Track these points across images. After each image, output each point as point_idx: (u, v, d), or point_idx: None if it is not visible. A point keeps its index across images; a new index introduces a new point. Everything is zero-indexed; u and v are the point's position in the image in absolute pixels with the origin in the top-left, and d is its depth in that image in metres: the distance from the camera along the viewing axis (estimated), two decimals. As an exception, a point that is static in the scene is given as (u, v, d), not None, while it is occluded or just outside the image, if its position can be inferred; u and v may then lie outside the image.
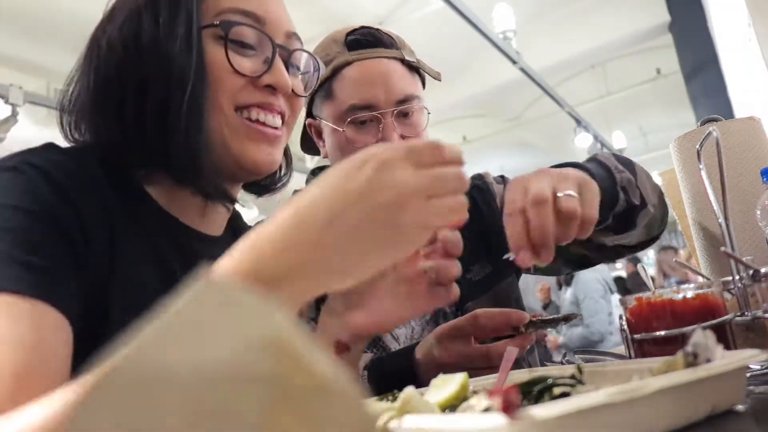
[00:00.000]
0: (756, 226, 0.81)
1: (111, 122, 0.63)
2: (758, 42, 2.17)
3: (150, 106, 0.61)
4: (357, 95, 0.94)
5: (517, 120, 7.37)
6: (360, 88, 0.95)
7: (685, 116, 5.66)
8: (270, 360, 0.19)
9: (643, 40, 5.40)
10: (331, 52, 0.99)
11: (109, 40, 0.63)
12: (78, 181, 0.58)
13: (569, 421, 0.32)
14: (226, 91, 0.64)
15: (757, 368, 0.58)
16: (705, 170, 0.72)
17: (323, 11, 4.90)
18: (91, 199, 0.58)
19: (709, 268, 0.96)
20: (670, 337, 0.59)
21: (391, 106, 0.95)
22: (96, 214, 0.57)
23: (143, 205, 0.66)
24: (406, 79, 0.98)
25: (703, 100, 4.35)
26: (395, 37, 1.02)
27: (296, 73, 0.73)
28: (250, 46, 0.66)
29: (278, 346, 0.19)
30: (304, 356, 0.19)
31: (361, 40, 0.98)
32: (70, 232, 0.54)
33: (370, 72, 0.96)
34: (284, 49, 0.68)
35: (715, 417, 0.41)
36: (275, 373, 0.18)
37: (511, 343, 0.75)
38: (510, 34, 3.92)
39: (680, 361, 0.40)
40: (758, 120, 0.97)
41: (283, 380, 0.19)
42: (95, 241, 0.56)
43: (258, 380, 0.18)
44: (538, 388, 0.43)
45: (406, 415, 0.40)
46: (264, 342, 0.19)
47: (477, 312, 0.79)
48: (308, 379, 0.19)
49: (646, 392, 0.35)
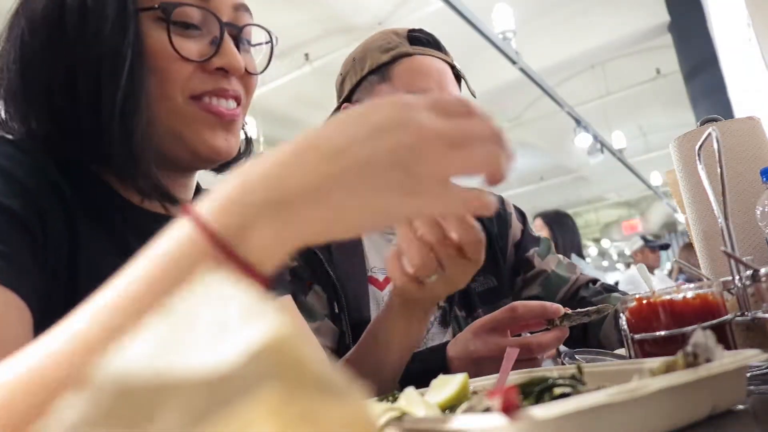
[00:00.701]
0: (756, 226, 0.81)
1: (41, 111, 0.59)
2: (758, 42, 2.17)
3: (81, 95, 0.57)
4: (416, 84, 0.99)
5: (517, 120, 7.37)
6: (419, 78, 1.00)
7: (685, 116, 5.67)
8: (268, 360, 0.18)
9: (643, 40, 5.41)
10: (393, 41, 1.04)
11: (32, 18, 0.59)
12: (31, 173, 0.55)
13: (569, 421, 0.32)
14: (174, 80, 0.60)
15: (757, 368, 0.58)
16: (705, 170, 0.72)
17: (324, 11, 4.90)
18: (46, 194, 0.55)
19: (709, 268, 0.96)
20: (670, 337, 0.59)
21: None
22: (53, 211, 0.55)
23: (102, 197, 0.63)
24: (455, 84, 1.05)
25: (703, 100, 4.36)
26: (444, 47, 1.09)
27: (247, 48, 0.68)
28: (195, 26, 0.61)
29: (275, 346, 0.19)
30: (302, 356, 0.19)
31: (421, 38, 1.05)
32: (30, 226, 0.52)
33: (430, 67, 1.01)
34: (232, 26, 0.64)
35: (715, 417, 0.41)
36: (275, 373, 0.18)
37: (548, 335, 0.79)
38: (509, 34, 3.92)
39: (680, 361, 0.40)
40: (758, 120, 0.97)
41: (284, 381, 0.18)
42: (53, 237, 0.54)
43: (257, 382, 0.18)
44: (538, 389, 0.43)
45: (406, 415, 0.40)
46: (261, 342, 0.18)
47: (515, 303, 0.81)
48: (308, 379, 0.19)
49: (646, 392, 0.35)
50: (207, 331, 0.19)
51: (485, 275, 1.08)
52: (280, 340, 0.19)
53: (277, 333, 0.19)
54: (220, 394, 0.18)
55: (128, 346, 0.19)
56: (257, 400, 0.18)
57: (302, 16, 4.86)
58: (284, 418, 0.18)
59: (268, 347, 0.18)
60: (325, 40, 5.14)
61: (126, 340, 0.19)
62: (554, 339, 0.79)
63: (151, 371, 0.18)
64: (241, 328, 0.19)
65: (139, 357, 0.19)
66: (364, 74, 1.04)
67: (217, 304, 0.20)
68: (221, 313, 0.20)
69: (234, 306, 0.20)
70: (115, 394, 0.18)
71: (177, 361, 0.18)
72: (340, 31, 5.06)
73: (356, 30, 4.92)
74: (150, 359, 0.18)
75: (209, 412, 0.17)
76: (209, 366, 0.18)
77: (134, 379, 0.18)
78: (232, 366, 0.18)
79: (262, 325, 0.19)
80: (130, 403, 0.18)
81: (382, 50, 1.03)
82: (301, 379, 0.19)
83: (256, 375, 0.18)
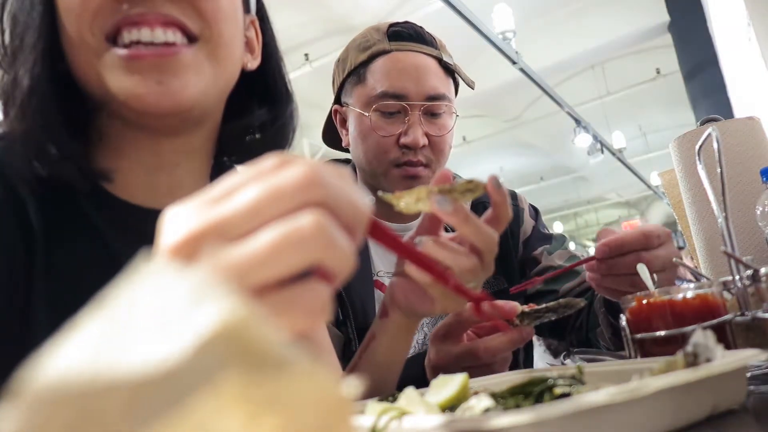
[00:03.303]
0: (756, 226, 0.81)
1: None
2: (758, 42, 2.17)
3: None
4: (389, 83, 0.95)
5: (516, 120, 7.38)
6: (394, 76, 0.95)
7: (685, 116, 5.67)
8: (222, 347, 0.17)
9: (643, 40, 5.41)
10: (371, 39, 1.00)
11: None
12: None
13: (569, 421, 0.32)
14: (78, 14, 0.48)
15: (757, 368, 0.58)
16: (704, 170, 0.72)
17: (324, 11, 4.90)
18: None
19: (709, 268, 0.96)
20: (670, 337, 0.59)
21: (421, 100, 0.95)
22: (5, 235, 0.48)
23: (81, 201, 0.54)
24: (440, 78, 0.98)
25: (703, 100, 4.36)
26: (437, 38, 1.03)
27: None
28: None
29: (228, 331, 0.17)
30: (260, 337, 0.18)
31: (402, 33, 0.99)
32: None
33: (406, 63, 0.96)
34: None
35: (715, 417, 0.41)
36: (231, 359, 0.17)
37: (497, 339, 0.70)
38: (509, 34, 3.92)
39: (680, 361, 0.40)
40: (758, 120, 0.97)
41: (243, 366, 0.17)
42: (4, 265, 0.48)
43: (212, 371, 0.17)
44: (538, 389, 0.43)
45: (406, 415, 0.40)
46: (212, 328, 0.17)
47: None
48: (270, 360, 0.18)
49: (646, 392, 0.35)
50: (149, 323, 0.18)
51: (495, 277, 1.03)
52: (233, 324, 0.17)
53: (229, 317, 0.17)
54: (170, 389, 0.16)
55: (62, 348, 0.17)
56: (217, 390, 0.17)
57: (302, 17, 4.86)
58: (250, 404, 0.17)
59: (220, 333, 0.17)
60: (325, 40, 5.14)
61: (59, 342, 0.18)
62: (507, 342, 0.70)
63: (90, 373, 0.16)
64: (188, 315, 0.18)
65: (75, 358, 0.17)
66: (345, 75, 1.01)
67: (156, 292, 0.19)
68: (163, 301, 0.18)
69: (178, 293, 0.19)
70: (51, 401, 0.16)
71: (118, 359, 0.17)
72: (340, 31, 5.06)
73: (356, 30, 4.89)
74: (87, 360, 0.17)
75: (160, 410, 0.16)
76: (154, 361, 0.16)
77: (72, 383, 0.16)
78: (181, 358, 0.17)
79: (211, 311, 0.18)
80: (69, 410, 0.16)
81: (360, 49, 0.99)
82: (263, 362, 0.18)
83: (209, 364, 0.17)
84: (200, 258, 0.26)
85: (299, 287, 0.27)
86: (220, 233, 0.26)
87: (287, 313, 0.26)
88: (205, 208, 0.27)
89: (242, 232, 0.27)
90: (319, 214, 0.26)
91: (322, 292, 0.27)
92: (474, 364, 0.70)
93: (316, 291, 0.27)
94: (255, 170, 0.28)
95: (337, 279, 0.28)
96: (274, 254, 0.26)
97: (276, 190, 0.27)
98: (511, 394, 0.44)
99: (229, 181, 0.28)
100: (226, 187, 0.28)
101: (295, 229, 0.26)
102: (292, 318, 0.27)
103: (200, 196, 0.28)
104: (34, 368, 0.17)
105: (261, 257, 0.26)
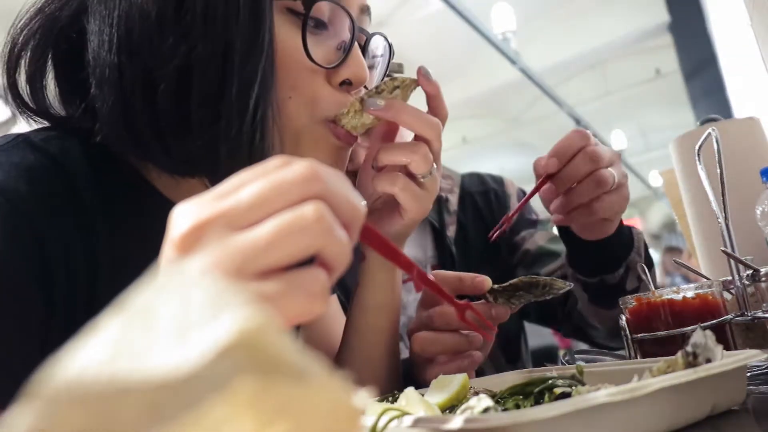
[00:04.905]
0: (756, 226, 0.81)
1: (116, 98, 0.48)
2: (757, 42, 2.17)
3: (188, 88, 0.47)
4: None
5: (516, 120, 7.37)
6: None
7: (685, 116, 5.67)
8: (238, 355, 0.18)
9: (643, 40, 5.41)
10: None
11: None
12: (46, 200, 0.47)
13: (569, 421, 0.32)
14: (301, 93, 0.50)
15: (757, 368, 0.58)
16: (704, 170, 0.72)
17: (323, 12, 4.89)
18: (61, 221, 0.47)
19: (709, 268, 0.96)
20: (670, 337, 0.59)
21: None
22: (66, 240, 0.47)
23: (144, 201, 0.54)
24: None
25: (703, 100, 4.36)
26: None
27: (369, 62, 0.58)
28: (324, 24, 0.51)
29: (245, 340, 0.18)
30: (276, 346, 0.18)
31: None
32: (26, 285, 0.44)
33: None
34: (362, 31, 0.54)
35: (715, 417, 0.41)
36: (247, 367, 0.18)
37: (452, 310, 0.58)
38: (509, 34, 3.92)
39: (680, 361, 0.40)
40: (758, 120, 0.97)
41: (258, 373, 0.18)
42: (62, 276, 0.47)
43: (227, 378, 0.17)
44: (538, 389, 0.43)
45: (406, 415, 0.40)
46: (229, 337, 0.18)
47: None
48: (284, 369, 0.18)
49: (646, 392, 0.35)
50: (168, 327, 0.18)
51: (489, 268, 1.01)
52: (249, 334, 0.18)
53: (246, 326, 0.18)
54: (185, 394, 0.17)
55: (81, 349, 0.18)
56: (230, 396, 0.17)
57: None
58: (262, 411, 0.17)
59: (237, 342, 0.18)
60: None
61: (78, 343, 0.18)
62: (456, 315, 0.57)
63: (107, 376, 0.17)
64: (207, 322, 0.18)
65: (93, 360, 0.17)
66: None
67: (176, 298, 0.19)
68: (182, 308, 0.19)
69: (196, 300, 0.19)
70: (68, 403, 0.16)
71: (136, 363, 0.17)
72: (339, 32, 5.05)
73: (356, 30, 4.91)
74: (106, 363, 0.17)
75: (175, 414, 0.16)
76: (171, 366, 0.17)
77: (89, 384, 0.17)
78: (199, 364, 0.17)
79: (229, 319, 0.18)
80: (85, 410, 0.16)
81: None
82: (277, 370, 0.18)
83: (226, 370, 0.17)
84: (207, 244, 0.28)
85: (301, 271, 0.29)
86: (227, 222, 0.28)
87: (289, 295, 0.28)
88: (212, 201, 0.29)
89: (248, 222, 0.28)
90: (320, 205, 0.28)
91: (322, 276, 0.29)
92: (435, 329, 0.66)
93: (317, 275, 0.29)
94: (259, 168, 0.30)
95: (335, 270, 0.30)
96: (278, 240, 0.28)
97: (280, 184, 0.29)
98: (511, 394, 0.44)
99: (236, 179, 0.30)
100: (232, 183, 0.30)
101: (298, 216, 0.28)
102: (293, 300, 0.28)
103: (208, 192, 0.30)
104: (53, 368, 0.17)
105: (265, 243, 0.28)
